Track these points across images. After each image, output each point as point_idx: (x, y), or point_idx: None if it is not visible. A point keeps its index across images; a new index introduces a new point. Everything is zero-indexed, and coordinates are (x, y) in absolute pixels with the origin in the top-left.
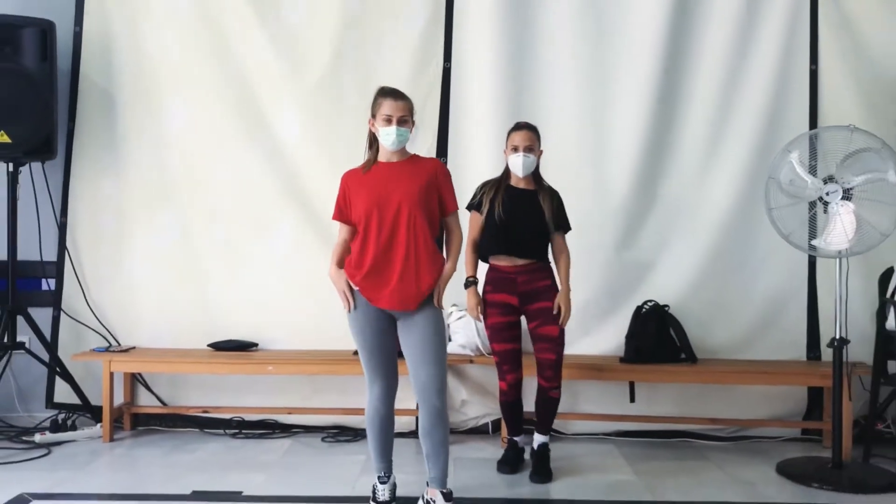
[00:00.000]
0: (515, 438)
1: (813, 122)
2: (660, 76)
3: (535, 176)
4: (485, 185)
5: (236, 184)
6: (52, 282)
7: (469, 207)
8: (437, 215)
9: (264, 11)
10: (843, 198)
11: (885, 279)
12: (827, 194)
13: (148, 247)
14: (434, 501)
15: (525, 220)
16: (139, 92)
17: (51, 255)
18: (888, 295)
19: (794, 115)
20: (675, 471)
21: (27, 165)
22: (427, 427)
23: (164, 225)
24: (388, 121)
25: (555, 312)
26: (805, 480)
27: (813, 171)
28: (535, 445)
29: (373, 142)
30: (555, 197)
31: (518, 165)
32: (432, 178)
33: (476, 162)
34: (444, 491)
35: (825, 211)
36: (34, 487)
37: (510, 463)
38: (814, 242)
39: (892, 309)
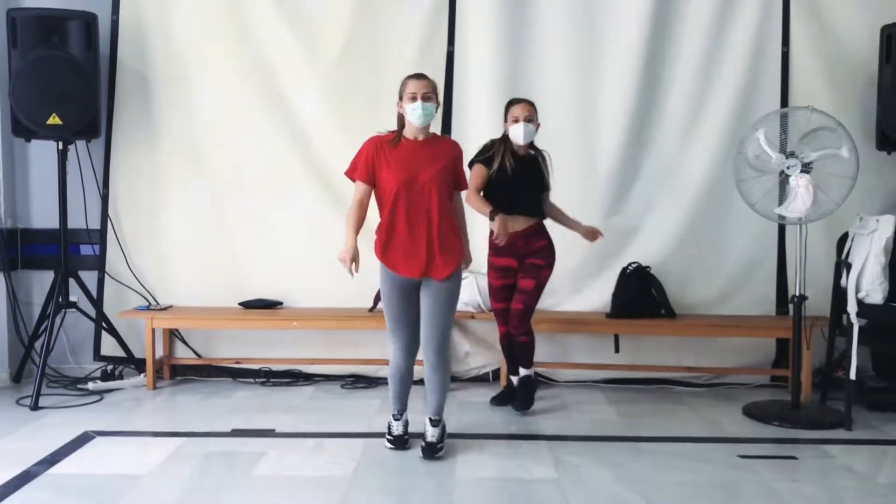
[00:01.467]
0: (512, 378)
1: (784, 101)
2: (644, 58)
3: (530, 144)
4: (492, 145)
5: (260, 156)
6: (97, 247)
7: (474, 162)
8: (453, 192)
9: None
10: (802, 171)
11: (841, 242)
12: (788, 168)
13: (181, 214)
14: (425, 424)
15: (530, 180)
16: (171, 74)
17: (95, 224)
18: (843, 257)
19: (766, 94)
20: (652, 413)
21: (73, 143)
22: (426, 373)
23: (195, 194)
24: (414, 98)
25: (592, 240)
26: (766, 419)
27: (783, 145)
28: (519, 375)
29: (401, 126)
30: (545, 159)
31: (519, 134)
32: (453, 158)
33: (477, 136)
34: (433, 418)
35: (787, 182)
36: (94, 426)
37: (501, 397)
38: (777, 210)
39: (844, 269)
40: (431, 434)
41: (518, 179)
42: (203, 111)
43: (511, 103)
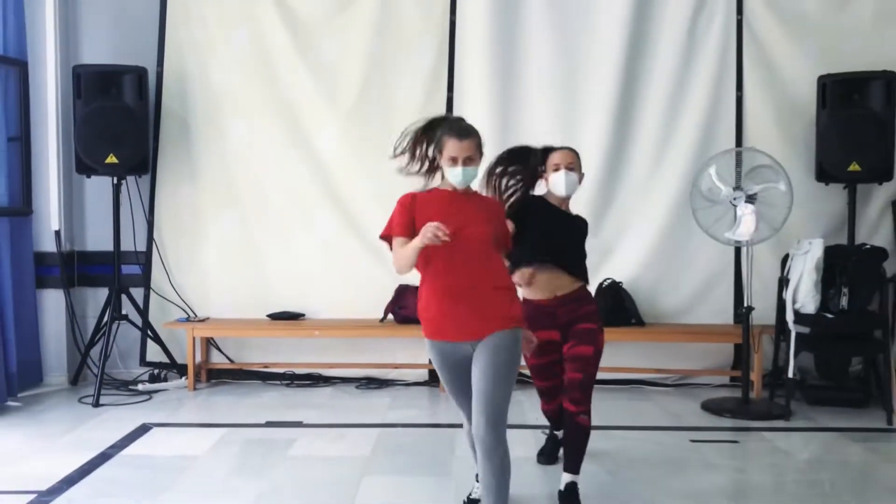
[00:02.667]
0: (556, 432)
1: (738, 139)
2: (617, 101)
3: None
4: (526, 200)
5: (285, 187)
6: (143, 267)
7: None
8: (500, 251)
9: (306, 52)
10: (747, 201)
11: (784, 261)
12: (735, 199)
13: (217, 238)
14: None
15: (576, 236)
16: (208, 118)
17: (142, 247)
18: (783, 274)
19: (723, 132)
20: (624, 407)
21: (125, 179)
22: (479, 460)
23: (229, 221)
24: (454, 161)
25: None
26: (720, 412)
27: (735, 179)
28: (562, 486)
29: (432, 168)
30: (585, 225)
31: (561, 183)
32: (498, 215)
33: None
34: None
35: (735, 211)
36: (149, 419)
37: (545, 454)
38: (726, 235)
39: (785, 284)
40: None
41: (564, 232)
42: (236, 149)
43: (550, 150)
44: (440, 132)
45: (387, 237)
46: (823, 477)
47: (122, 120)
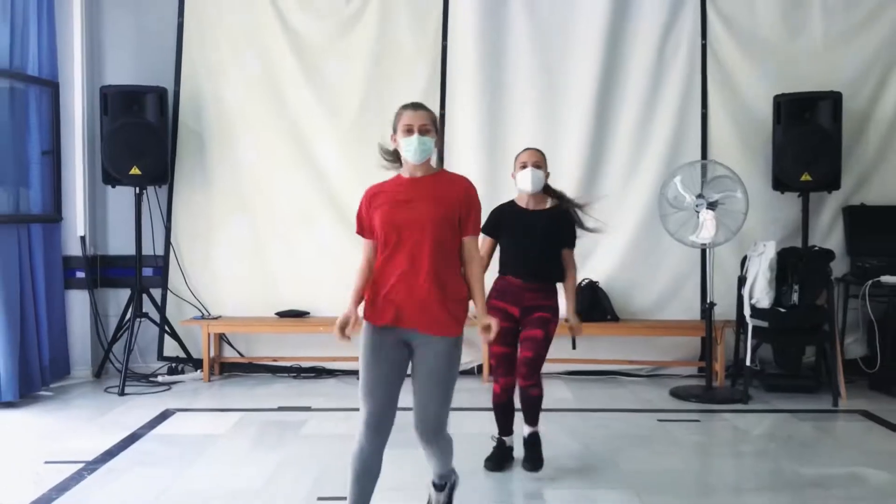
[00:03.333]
0: (504, 438)
1: (704, 151)
2: (594, 117)
3: (547, 195)
4: (496, 211)
5: (291, 196)
6: (161, 269)
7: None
8: (459, 237)
9: (310, 74)
10: (707, 208)
11: (743, 261)
12: (697, 206)
13: (228, 242)
14: (429, 487)
15: (536, 243)
16: (221, 132)
17: (160, 251)
18: (742, 273)
19: (690, 145)
20: (600, 394)
21: (146, 188)
22: (423, 447)
23: (239, 226)
24: (409, 130)
25: (570, 329)
26: (686, 398)
27: (698, 188)
28: (525, 434)
29: (396, 157)
30: (563, 218)
31: (527, 180)
32: (460, 197)
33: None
34: (437, 482)
35: (697, 216)
36: (171, 405)
37: (495, 460)
38: (690, 238)
39: (743, 283)
40: (436, 499)
41: (531, 236)
42: (246, 162)
43: (520, 152)
44: (396, 114)
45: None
46: (770, 447)
47: (145, 135)
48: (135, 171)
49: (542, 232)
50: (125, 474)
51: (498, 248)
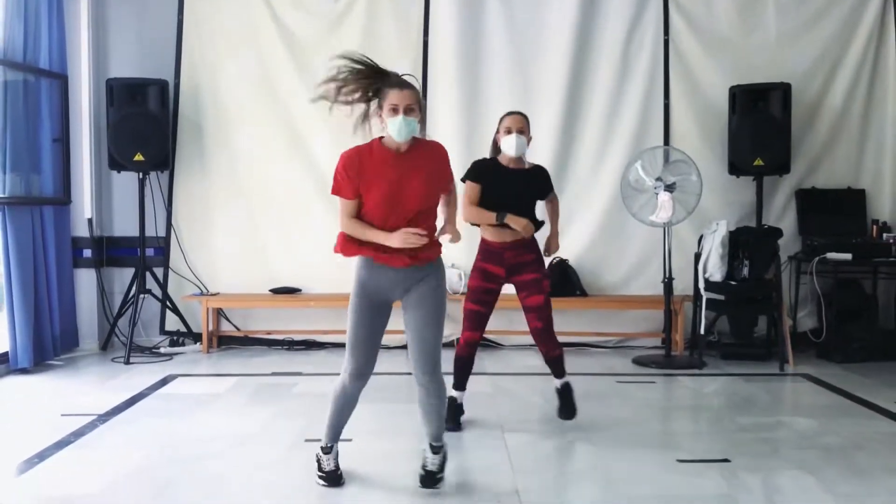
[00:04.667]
0: (454, 394)
1: (666, 138)
2: (564, 106)
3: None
4: (480, 163)
5: (285, 182)
6: (162, 249)
7: (466, 178)
8: (438, 197)
9: (302, 67)
10: (665, 190)
11: (700, 240)
12: (656, 188)
13: (225, 225)
14: (424, 451)
15: (522, 194)
16: (218, 123)
17: (161, 232)
18: (698, 250)
19: (653, 133)
20: (569, 362)
21: (149, 174)
22: (421, 398)
23: (236, 210)
24: (395, 110)
25: (545, 253)
26: (646, 365)
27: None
28: (558, 386)
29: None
30: (541, 174)
31: (511, 145)
32: (439, 164)
33: None
34: (434, 444)
35: (656, 198)
36: (173, 372)
37: (455, 419)
38: (650, 217)
39: (700, 260)
40: (432, 462)
41: (509, 194)
42: (242, 150)
43: (504, 115)
44: (382, 86)
45: (339, 195)
46: (714, 403)
47: (147, 124)
48: (138, 157)
49: (522, 188)
50: (135, 424)
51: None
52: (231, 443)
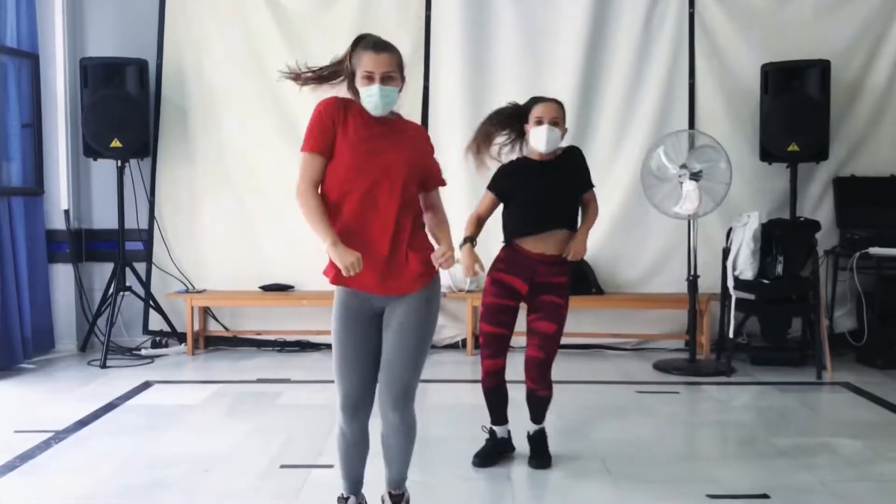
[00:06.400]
0: (495, 429)
1: (691, 122)
2: (580, 88)
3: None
4: (501, 168)
5: (275, 169)
6: (145, 243)
7: (489, 188)
8: (419, 189)
9: (293, 46)
10: (691, 178)
11: (729, 233)
12: (680, 176)
13: (212, 216)
14: (383, 499)
15: (553, 191)
16: (204, 106)
17: (144, 224)
18: (726, 245)
19: (677, 116)
20: (584, 368)
21: (128, 162)
22: (383, 433)
23: (223, 200)
24: (370, 78)
25: (565, 255)
26: (668, 370)
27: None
28: (531, 432)
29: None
30: (576, 156)
31: (542, 139)
32: (423, 145)
33: (447, 160)
34: (393, 492)
35: (680, 187)
36: (151, 377)
37: (484, 455)
38: (674, 209)
39: (728, 255)
40: None
41: (544, 189)
42: (230, 135)
43: (535, 101)
44: (357, 49)
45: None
46: (746, 419)
47: (125, 108)
48: (115, 143)
49: (557, 179)
50: (92, 442)
51: (503, 216)
52: (194, 468)
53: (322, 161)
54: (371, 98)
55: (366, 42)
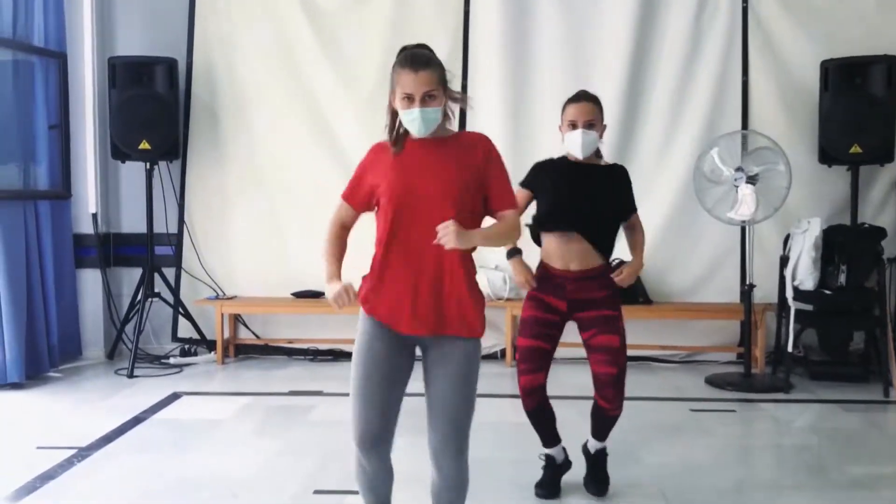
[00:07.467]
0: (551, 453)
1: (745, 122)
2: (626, 88)
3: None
4: (538, 164)
5: (308, 171)
6: (174, 248)
7: (521, 184)
8: (480, 212)
9: (327, 44)
10: (747, 182)
11: (786, 240)
12: (736, 179)
13: (243, 220)
14: None
15: (587, 200)
16: (234, 105)
17: (173, 228)
18: (784, 252)
19: (729, 116)
20: (632, 382)
21: (158, 164)
22: (434, 490)
23: (255, 203)
24: (409, 99)
25: (615, 276)
26: (722, 386)
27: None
28: (591, 450)
29: (395, 115)
30: (620, 176)
31: (577, 144)
32: (479, 163)
33: None
34: None
35: (736, 191)
36: (180, 388)
37: (548, 486)
38: (728, 214)
39: (786, 263)
40: None
41: (582, 193)
42: (261, 136)
43: (567, 101)
44: (393, 65)
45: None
46: (812, 442)
47: (154, 108)
48: (144, 145)
49: (595, 188)
50: (116, 461)
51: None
52: (220, 492)
53: (350, 210)
54: (413, 122)
55: (403, 58)
